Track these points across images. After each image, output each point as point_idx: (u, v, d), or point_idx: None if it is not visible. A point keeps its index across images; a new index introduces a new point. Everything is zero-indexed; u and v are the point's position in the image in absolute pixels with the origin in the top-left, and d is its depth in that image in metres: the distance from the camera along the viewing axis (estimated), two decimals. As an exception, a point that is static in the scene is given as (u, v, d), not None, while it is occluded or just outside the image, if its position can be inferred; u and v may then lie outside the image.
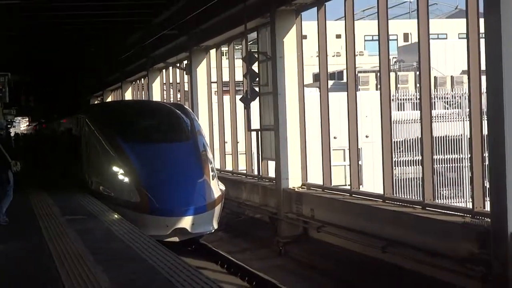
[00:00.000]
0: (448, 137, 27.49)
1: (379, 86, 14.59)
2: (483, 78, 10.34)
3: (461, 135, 27.98)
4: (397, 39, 45.19)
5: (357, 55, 29.55)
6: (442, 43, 38.55)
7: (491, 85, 9.42)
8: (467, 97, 30.01)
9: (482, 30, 10.48)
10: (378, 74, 37.64)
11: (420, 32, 11.87)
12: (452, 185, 27.91)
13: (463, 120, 28.09)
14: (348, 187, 14.63)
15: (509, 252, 9.13)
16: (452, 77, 32.84)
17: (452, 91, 30.15)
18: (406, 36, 46.61)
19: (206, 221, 14.52)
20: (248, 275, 13.08)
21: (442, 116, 27.87)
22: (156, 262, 7.63)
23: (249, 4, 16.72)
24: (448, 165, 27.59)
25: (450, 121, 27.94)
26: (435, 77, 32.16)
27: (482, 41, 10.35)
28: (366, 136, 27.85)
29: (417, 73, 37.55)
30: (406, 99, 29.01)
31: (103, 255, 8.25)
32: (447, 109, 28.68)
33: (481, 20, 10.53)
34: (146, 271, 7.26)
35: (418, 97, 30.32)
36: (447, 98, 29.01)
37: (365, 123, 24.86)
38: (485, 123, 10.58)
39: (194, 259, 14.18)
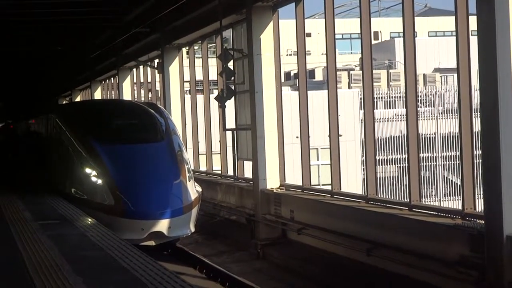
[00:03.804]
0: (421, 135, 27.30)
1: (360, 84, 14.17)
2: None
3: (435, 133, 27.80)
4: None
5: (324, 54, 28.99)
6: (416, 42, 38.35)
7: (485, 82, 9.01)
8: (440, 95, 30.06)
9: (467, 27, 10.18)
10: (350, 72, 37.29)
11: (406, 30, 11.47)
12: (426, 184, 27.69)
13: (437, 118, 27.93)
14: (328, 187, 14.20)
15: (504, 256, 8.74)
16: (424, 75, 32.66)
17: (425, 89, 29.93)
18: (376, 35, 46.41)
19: (183, 224, 14.01)
20: (229, 280, 12.59)
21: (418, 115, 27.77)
22: (139, 271, 7.09)
23: (224, 0, 16.22)
24: (422, 164, 27.40)
25: (423, 119, 27.75)
26: (407, 75, 31.85)
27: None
28: (340, 135, 27.66)
29: (389, 71, 37.53)
30: (378, 97, 28.76)
31: (81, 264, 7.69)
32: (420, 107, 28.44)
33: (469, 17, 10.22)
34: (130, 283, 6.71)
35: (390, 95, 30.25)
36: (420, 96, 28.78)
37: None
38: (475, 120, 10.27)
39: (171, 263, 13.66)
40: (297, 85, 27.22)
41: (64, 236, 9.74)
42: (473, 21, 9.70)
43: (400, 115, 29.06)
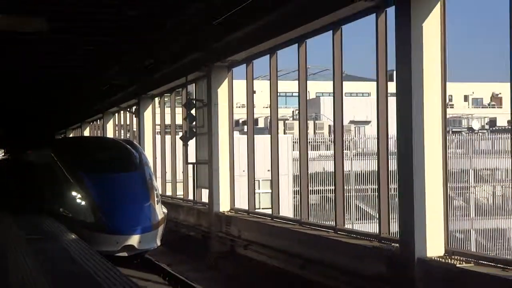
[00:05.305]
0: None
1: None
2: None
3: (349, 171, 27.30)
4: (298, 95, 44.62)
5: (266, 106, 28.59)
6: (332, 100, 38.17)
7: (401, 128, 8.40)
8: (354, 142, 29.63)
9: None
10: (285, 122, 36.36)
11: (335, 91, 10.87)
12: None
13: (350, 159, 27.48)
14: (267, 211, 13.48)
15: (416, 275, 8.07)
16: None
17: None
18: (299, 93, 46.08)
19: (151, 239, 13.13)
20: (187, 286, 11.68)
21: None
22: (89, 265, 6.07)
23: (190, 60, 15.52)
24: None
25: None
26: (329, 125, 31.52)
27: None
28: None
29: (315, 122, 37.10)
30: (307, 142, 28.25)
31: (60, 278, 6.72)
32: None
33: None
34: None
35: (316, 140, 29.72)
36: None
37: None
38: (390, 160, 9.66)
39: (140, 271, 12.72)
40: (245, 130, 26.44)
41: (46, 251, 8.68)
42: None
43: (323, 156, 28.59)
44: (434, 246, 8.09)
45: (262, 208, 22.86)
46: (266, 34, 11.85)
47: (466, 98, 61.63)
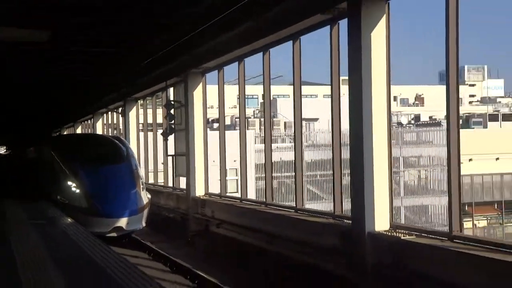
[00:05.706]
0: (290, 162, 26.63)
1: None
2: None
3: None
4: (258, 98, 44.23)
5: (233, 107, 27.76)
6: (289, 101, 37.97)
7: (353, 122, 8.18)
8: (305, 135, 29.41)
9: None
10: (248, 119, 35.65)
11: (295, 93, 10.58)
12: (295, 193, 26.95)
13: (303, 150, 27.37)
14: (235, 195, 13.18)
15: (366, 247, 7.87)
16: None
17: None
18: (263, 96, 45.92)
19: (137, 221, 12.71)
20: (168, 260, 11.30)
21: (290, 148, 27.26)
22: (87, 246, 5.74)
23: (169, 68, 15.08)
24: (292, 180, 26.74)
25: (292, 150, 27.09)
26: (284, 122, 31.35)
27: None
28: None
29: (273, 119, 36.77)
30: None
31: (61, 257, 6.31)
32: (290, 142, 27.82)
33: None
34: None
35: (274, 135, 29.36)
36: (290, 136, 28.18)
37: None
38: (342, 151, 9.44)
39: (128, 249, 12.28)
40: (214, 127, 25.99)
41: (48, 233, 8.24)
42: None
43: (278, 148, 28.43)
44: (381, 222, 7.89)
45: (229, 193, 22.57)
46: (235, 44, 11.52)
47: (395, 98, 62.31)
